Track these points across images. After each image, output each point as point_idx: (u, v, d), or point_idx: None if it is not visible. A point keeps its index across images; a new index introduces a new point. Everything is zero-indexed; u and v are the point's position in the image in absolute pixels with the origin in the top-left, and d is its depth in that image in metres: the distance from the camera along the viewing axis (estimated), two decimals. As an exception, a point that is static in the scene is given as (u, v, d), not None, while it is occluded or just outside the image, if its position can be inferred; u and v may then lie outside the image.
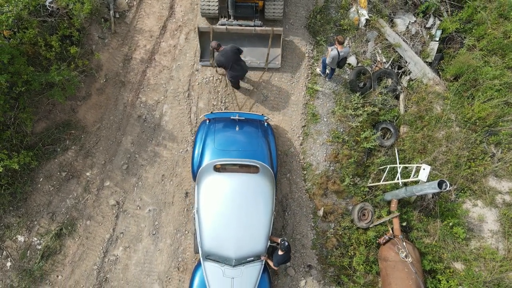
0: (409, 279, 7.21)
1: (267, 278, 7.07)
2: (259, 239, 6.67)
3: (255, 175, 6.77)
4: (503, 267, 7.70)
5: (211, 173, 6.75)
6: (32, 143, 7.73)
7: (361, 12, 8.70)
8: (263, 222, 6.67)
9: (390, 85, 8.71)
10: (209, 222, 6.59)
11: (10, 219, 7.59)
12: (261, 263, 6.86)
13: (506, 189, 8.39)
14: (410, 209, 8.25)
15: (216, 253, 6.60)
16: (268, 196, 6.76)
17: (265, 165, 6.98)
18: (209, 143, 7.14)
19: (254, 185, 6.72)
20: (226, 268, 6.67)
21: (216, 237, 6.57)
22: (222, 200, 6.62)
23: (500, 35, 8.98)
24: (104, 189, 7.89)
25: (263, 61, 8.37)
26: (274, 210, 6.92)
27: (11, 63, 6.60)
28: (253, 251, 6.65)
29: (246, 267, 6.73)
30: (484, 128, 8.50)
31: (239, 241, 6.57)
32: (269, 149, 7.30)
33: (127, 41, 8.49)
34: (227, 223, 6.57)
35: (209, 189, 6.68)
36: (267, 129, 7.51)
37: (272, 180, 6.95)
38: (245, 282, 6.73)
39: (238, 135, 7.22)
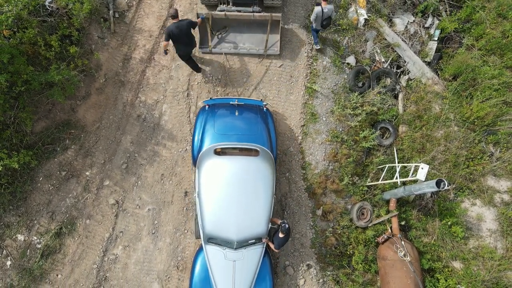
0: (407, 278, 7.23)
1: (268, 262, 7.12)
2: (260, 221, 6.71)
3: (255, 158, 6.81)
4: (501, 266, 7.71)
5: (211, 156, 6.78)
6: (32, 142, 7.75)
7: (360, 11, 8.72)
8: (263, 204, 6.71)
9: (389, 84, 8.73)
10: (210, 205, 6.62)
11: (10, 218, 7.61)
12: (263, 246, 6.90)
13: (505, 188, 8.41)
14: (409, 208, 8.27)
15: (217, 235, 6.62)
16: (268, 178, 6.79)
17: (265, 149, 7.04)
18: (208, 128, 7.18)
19: (254, 168, 6.75)
20: (228, 251, 6.69)
21: (217, 220, 6.59)
22: (223, 183, 6.64)
23: (499, 34, 8.98)
24: (104, 188, 7.91)
25: (262, 48, 8.43)
26: (274, 193, 6.96)
27: (11, 62, 6.62)
28: (254, 233, 6.69)
29: (247, 250, 6.76)
30: (482, 127, 8.51)
31: (240, 224, 6.60)
32: (269, 133, 7.36)
33: (126, 40, 8.51)
34: (228, 206, 6.60)
35: (209, 173, 6.71)
36: (266, 114, 7.55)
37: (272, 163, 6.99)
38: (246, 265, 6.77)
39: (237, 120, 7.27)
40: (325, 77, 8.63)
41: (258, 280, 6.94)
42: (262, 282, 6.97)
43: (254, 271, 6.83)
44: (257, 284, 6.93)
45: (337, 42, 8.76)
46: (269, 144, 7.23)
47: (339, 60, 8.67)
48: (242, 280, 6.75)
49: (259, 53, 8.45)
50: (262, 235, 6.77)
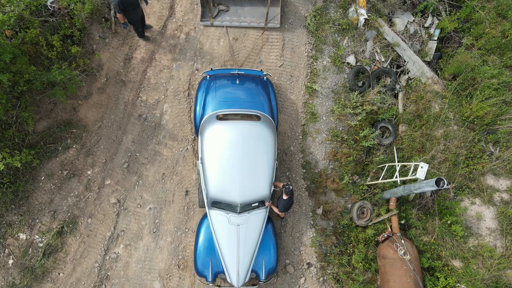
0: (407, 277, 7.26)
1: (272, 228, 7.23)
2: (263, 184, 6.78)
3: (257, 122, 6.92)
4: (501, 264, 7.74)
5: (214, 122, 6.89)
6: (34, 141, 7.80)
7: (360, 11, 8.75)
8: (266, 167, 6.79)
9: (389, 84, 8.76)
10: (214, 169, 6.70)
11: (12, 217, 7.66)
12: (266, 210, 7.00)
13: (504, 187, 8.43)
14: (408, 207, 8.30)
15: (221, 199, 6.70)
16: (270, 142, 6.88)
17: (266, 115, 7.17)
18: (210, 96, 7.30)
19: (256, 132, 6.84)
20: (231, 215, 6.77)
21: (221, 183, 6.66)
22: (226, 147, 6.72)
23: (498, 34, 9.01)
24: (105, 188, 7.96)
25: (262, 21, 8.55)
26: (276, 158, 7.06)
27: (13, 62, 6.66)
28: (258, 196, 6.77)
29: (251, 214, 6.84)
30: (482, 126, 8.54)
31: (244, 187, 6.67)
32: (270, 101, 7.48)
33: (127, 40, 8.56)
34: (231, 169, 6.67)
35: (212, 137, 6.80)
36: (266, 83, 7.67)
37: (273, 128, 7.09)
38: (250, 229, 6.85)
39: (238, 88, 7.39)
40: (325, 76, 8.67)
41: (262, 245, 7.07)
42: (266, 247, 7.09)
43: (258, 235, 6.93)
44: (261, 249, 7.05)
45: (337, 41, 8.80)
46: (270, 112, 7.37)
47: (339, 60, 8.71)
48: (246, 244, 6.84)
49: (260, 26, 8.57)
50: (265, 198, 6.85)
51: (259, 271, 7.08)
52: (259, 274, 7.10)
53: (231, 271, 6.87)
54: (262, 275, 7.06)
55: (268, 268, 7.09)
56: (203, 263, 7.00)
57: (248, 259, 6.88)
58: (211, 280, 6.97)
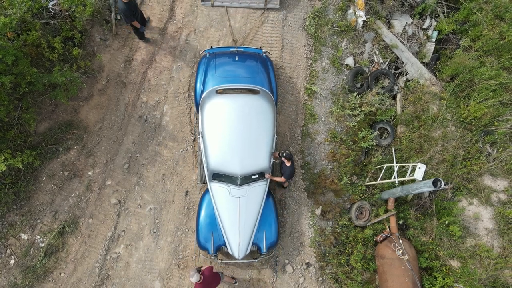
0: (405, 276, 7.33)
1: (273, 203, 7.36)
2: (263, 156, 6.91)
3: (256, 96, 7.04)
4: (498, 264, 7.80)
5: (214, 96, 7.01)
6: (35, 142, 7.87)
7: (359, 13, 8.82)
8: (265, 139, 6.93)
9: (387, 85, 8.83)
10: (214, 142, 6.82)
11: (14, 217, 7.72)
12: (266, 183, 7.11)
13: (501, 188, 8.50)
14: (407, 207, 8.36)
15: (222, 170, 6.80)
16: (269, 115, 7.00)
17: (265, 89, 7.28)
18: (210, 73, 7.43)
19: (255, 105, 6.96)
20: (232, 188, 6.87)
21: (221, 155, 6.77)
22: (225, 120, 6.84)
23: (496, 36, 9.07)
24: (106, 188, 8.03)
25: (262, 2, 8.66)
26: (275, 132, 7.18)
27: (15, 64, 6.73)
28: (258, 168, 6.89)
29: (251, 186, 6.95)
30: (479, 127, 8.61)
31: (244, 158, 6.77)
32: (269, 77, 7.60)
33: (128, 42, 8.62)
34: (231, 141, 6.79)
35: (212, 111, 6.91)
36: (265, 60, 7.80)
37: (273, 103, 7.20)
38: (251, 201, 6.96)
39: (238, 65, 7.52)
40: (324, 78, 8.74)
41: (263, 219, 7.19)
42: (267, 221, 7.21)
43: (259, 207, 7.04)
44: (262, 223, 7.16)
45: (336, 43, 8.87)
46: (269, 87, 7.49)
47: (338, 61, 8.78)
48: (247, 216, 6.95)
49: (260, 7, 8.69)
50: (265, 170, 6.97)
51: (260, 244, 7.20)
52: (260, 247, 7.22)
53: (232, 243, 6.99)
54: (263, 248, 7.18)
55: (269, 242, 7.22)
56: (205, 237, 7.12)
57: (249, 231, 6.99)
58: (213, 253, 7.09)
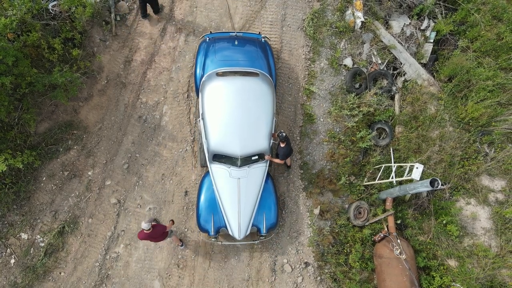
0: (403, 276, 7.37)
1: (272, 186, 7.46)
2: (262, 136, 6.99)
3: (255, 78, 7.13)
4: (495, 264, 7.84)
5: (214, 78, 7.09)
6: (35, 143, 7.92)
7: (357, 14, 8.87)
8: (265, 121, 7.00)
9: (385, 86, 8.88)
10: (214, 123, 6.89)
11: (14, 217, 7.77)
12: (266, 164, 7.21)
13: (499, 188, 8.55)
14: (405, 207, 8.41)
15: (222, 151, 6.88)
16: (268, 97, 7.09)
17: (264, 72, 7.36)
18: (210, 57, 7.51)
19: (254, 87, 7.04)
20: (232, 169, 6.97)
21: (221, 136, 6.86)
22: (225, 101, 6.92)
23: (494, 36, 9.12)
24: (106, 188, 8.07)
25: None
26: (275, 115, 7.27)
27: (15, 65, 6.77)
28: (257, 149, 6.97)
29: (251, 168, 7.04)
30: (477, 128, 8.65)
31: (243, 139, 6.86)
32: (268, 62, 7.68)
33: (127, 43, 8.67)
34: (231, 122, 6.87)
35: (213, 93, 6.99)
36: (264, 44, 7.90)
37: (272, 85, 7.28)
38: (251, 182, 7.05)
39: (237, 49, 7.60)
40: (323, 78, 8.79)
41: (263, 202, 7.28)
42: (266, 203, 7.31)
43: (258, 188, 7.13)
44: (261, 205, 7.26)
45: (334, 44, 8.92)
46: (268, 71, 7.57)
47: (336, 62, 8.82)
48: (247, 197, 7.04)
49: None
50: (265, 151, 7.04)
51: (260, 225, 7.30)
52: (260, 228, 7.32)
53: (233, 223, 7.07)
54: (262, 229, 7.28)
55: (269, 223, 7.32)
56: (205, 219, 7.21)
57: (249, 212, 7.08)
58: (213, 234, 7.17)
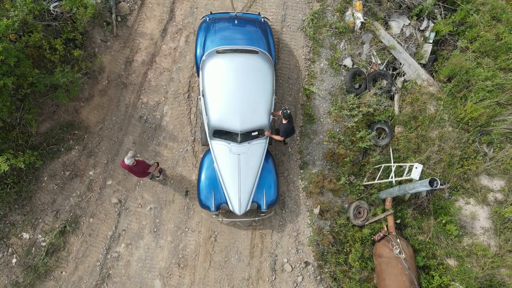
0: (402, 275, 7.41)
1: (272, 164, 7.57)
2: (262, 112, 7.06)
3: (255, 55, 7.21)
4: (494, 263, 7.88)
5: (214, 56, 7.16)
6: (37, 143, 7.96)
7: (357, 15, 8.91)
8: (264, 97, 7.09)
9: (385, 86, 8.92)
10: (214, 99, 6.97)
11: (16, 216, 7.81)
12: (265, 141, 7.29)
13: (498, 187, 8.58)
14: (404, 207, 8.45)
15: (222, 126, 6.96)
16: (267, 74, 7.17)
17: (263, 51, 7.45)
18: (210, 36, 7.60)
19: (254, 64, 7.12)
20: (233, 145, 7.06)
21: (221, 111, 6.93)
22: (226, 78, 7.00)
23: (493, 37, 9.15)
24: (107, 188, 8.11)
25: None
26: (274, 92, 7.35)
27: (17, 65, 6.81)
28: (257, 124, 7.05)
29: (251, 144, 7.13)
30: (476, 128, 8.69)
31: (243, 114, 6.93)
32: (267, 41, 7.76)
33: (128, 43, 8.72)
34: (231, 98, 6.94)
35: (213, 70, 7.07)
36: (264, 24, 7.98)
37: (271, 63, 7.36)
38: (251, 158, 7.14)
39: (237, 28, 7.69)
40: (322, 79, 8.83)
41: (263, 179, 7.39)
42: (266, 181, 7.41)
43: (258, 164, 7.22)
44: (262, 182, 7.36)
45: (334, 44, 8.96)
46: (267, 49, 7.66)
47: (336, 62, 8.87)
48: (247, 173, 7.13)
49: None
50: (264, 127, 7.11)
51: (260, 202, 7.40)
52: (260, 204, 7.42)
53: (233, 199, 7.16)
54: (263, 205, 7.38)
55: (269, 200, 7.42)
56: (206, 195, 7.32)
57: (249, 187, 7.17)
58: (214, 210, 7.27)
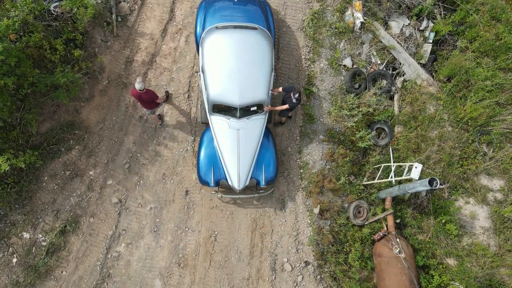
0: (402, 274, 7.42)
1: (272, 141, 7.67)
2: (261, 87, 7.13)
3: (254, 31, 7.29)
4: (494, 262, 7.90)
5: (214, 32, 7.25)
6: (37, 143, 7.98)
7: (356, 15, 8.93)
8: (263, 72, 7.15)
9: (385, 86, 8.93)
10: (214, 74, 7.04)
11: (16, 216, 7.83)
12: (265, 116, 7.37)
13: (497, 187, 8.60)
14: (404, 206, 8.46)
15: (221, 101, 7.01)
16: (266, 50, 7.24)
17: (262, 28, 7.52)
18: (210, 14, 7.68)
19: (253, 39, 7.21)
20: (232, 120, 7.14)
21: (220, 85, 6.99)
22: (225, 53, 7.08)
23: (492, 37, 9.16)
24: (107, 188, 8.13)
25: None
26: (273, 69, 7.42)
27: (18, 66, 6.83)
28: (256, 99, 7.10)
29: (250, 119, 7.21)
30: (476, 127, 8.70)
31: (242, 88, 6.99)
32: (267, 20, 7.83)
33: (128, 43, 8.73)
34: (230, 72, 7.00)
35: (212, 45, 7.14)
36: (264, 4, 8.08)
37: (270, 40, 7.44)
38: (250, 133, 7.21)
39: (236, 7, 7.77)
40: (322, 79, 8.84)
41: (263, 156, 7.46)
42: (265, 158, 7.48)
43: (257, 140, 7.30)
44: (261, 159, 7.44)
45: (334, 44, 8.98)
46: (267, 27, 7.72)
47: (336, 62, 8.88)
48: (246, 148, 7.20)
49: None
50: (263, 102, 7.16)
51: (259, 178, 7.49)
52: (259, 180, 7.50)
53: (232, 174, 7.23)
54: (262, 181, 7.47)
55: (268, 176, 7.51)
56: (205, 171, 7.41)
57: (248, 162, 7.24)
58: (213, 185, 7.35)
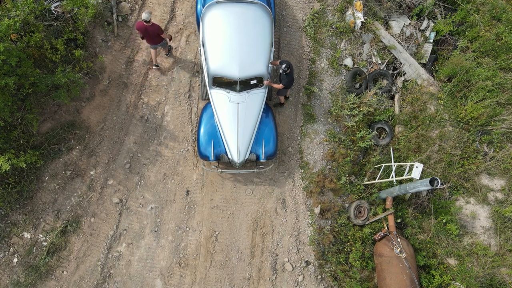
0: (403, 274, 7.43)
1: (272, 117, 7.74)
2: (260, 60, 7.19)
3: (254, 6, 7.38)
4: (494, 262, 7.91)
5: (214, 6, 7.34)
6: (38, 143, 7.98)
7: (357, 15, 8.94)
8: (263, 46, 7.23)
9: (385, 86, 8.94)
10: (214, 47, 7.10)
11: (17, 216, 7.83)
12: (265, 90, 7.44)
13: (498, 187, 8.60)
14: (405, 206, 8.47)
15: (221, 73, 7.07)
16: (266, 25, 7.32)
17: (262, 3, 7.59)
18: None
19: (253, 14, 7.29)
20: (232, 94, 7.22)
21: (220, 58, 7.06)
22: (225, 26, 7.16)
23: (493, 37, 9.19)
24: (108, 188, 8.13)
25: None
26: (273, 44, 7.49)
27: (19, 65, 6.82)
28: (256, 72, 7.16)
29: (250, 93, 7.29)
30: (476, 127, 8.71)
31: (242, 61, 7.06)
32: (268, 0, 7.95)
33: (129, 43, 8.74)
34: (230, 46, 7.07)
35: (212, 19, 7.23)
36: None
37: (270, 15, 7.53)
38: (250, 107, 7.28)
39: None
40: (323, 78, 8.85)
41: (262, 131, 7.54)
42: (265, 133, 7.56)
43: (257, 114, 7.38)
44: (261, 134, 7.51)
45: (334, 44, 8.98)
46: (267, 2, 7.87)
47: (337, 62, 8.89)
48: (246, 122, 7.27)
49: None
50: (263, 76, 7.22)
51: (259, 153, 7.56)
52: (259, 155, 7.56)
53: (232, 147, 7.30)
54: (261, 156, 7.53)
55: (268, 151, 7.58)
56: (205, 146, 7.49)
57: (247, 136, 7.31)
58: (213, 159, 7.42)
